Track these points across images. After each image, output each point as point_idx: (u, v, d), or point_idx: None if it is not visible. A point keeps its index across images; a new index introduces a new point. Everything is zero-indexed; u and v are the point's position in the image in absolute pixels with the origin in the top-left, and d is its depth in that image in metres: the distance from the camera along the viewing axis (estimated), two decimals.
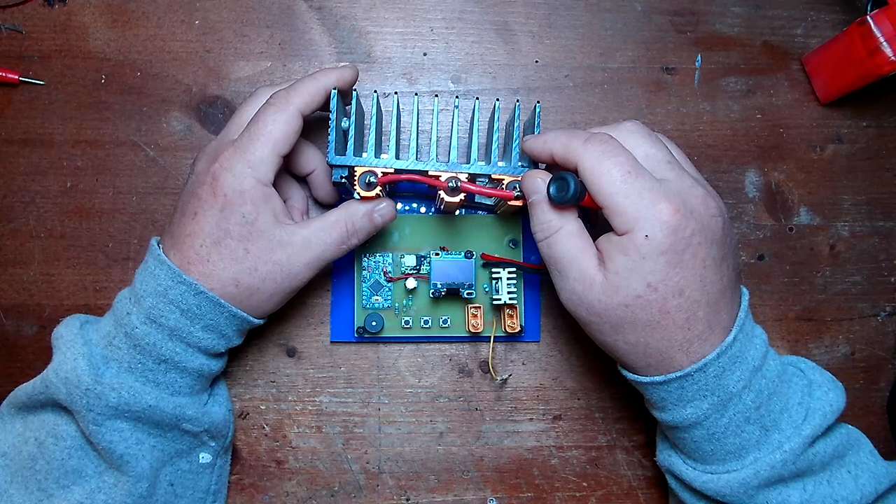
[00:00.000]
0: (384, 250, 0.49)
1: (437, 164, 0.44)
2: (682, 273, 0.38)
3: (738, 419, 0.40)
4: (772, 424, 0.40)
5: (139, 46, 0.51)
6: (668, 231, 0.37)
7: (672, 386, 0.40)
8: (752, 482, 0.39)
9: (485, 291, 0.49)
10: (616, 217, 0.38)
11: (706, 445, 0.41)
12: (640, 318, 0.39)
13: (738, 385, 0.39)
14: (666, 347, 0.39)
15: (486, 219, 0.50)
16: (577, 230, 0.41)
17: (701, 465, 0.42)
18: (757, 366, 0.40)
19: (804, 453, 0.39)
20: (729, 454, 0.41)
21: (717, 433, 0.40)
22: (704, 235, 0.38)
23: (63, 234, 0.50)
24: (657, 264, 0.38)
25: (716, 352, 0.39)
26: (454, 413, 0.50)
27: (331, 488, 0.49)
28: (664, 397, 0.41)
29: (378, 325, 0.48)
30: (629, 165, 0.38)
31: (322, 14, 0.52)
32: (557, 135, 0.41)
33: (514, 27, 0.53)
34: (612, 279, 0.39)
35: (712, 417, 0.40)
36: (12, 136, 0.50)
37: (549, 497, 0.50)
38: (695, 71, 0.53)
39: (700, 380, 0.39)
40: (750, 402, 0.39)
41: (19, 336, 0.49)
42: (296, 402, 0.50)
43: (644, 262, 0.38)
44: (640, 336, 0.39)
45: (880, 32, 0.46)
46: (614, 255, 0.39)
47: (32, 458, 0.41)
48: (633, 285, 0.38)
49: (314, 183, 0.48)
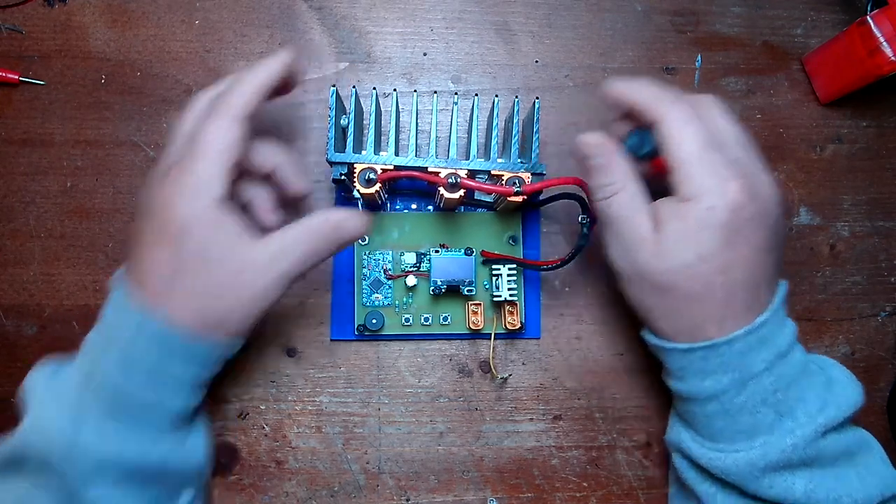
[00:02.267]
0: (384, 248, 0.49)
1: (436, 161, 0.44)
2: (733, 252, 0.39)
3: (754, 399, 0.40)
4: (787, 410, 0.40)
5: (139, 46, 0.51)
6: (732, 208, 0.38)
7: (696, 355, 0.40)
8: (758, 463, 0.39)
9: (485, 288, 0.49)
10: (684, 183, 0.39)
11: (718, 421, 0.41)
12: (683, 286, 0.39)
13: (761, 366, 0.39)
14: (700, 318, 0.40)
15: (486, 216, 0.50)
16: (638, 192, 0.41)
17: (709, 442, 0.42)
18: (782, 352, 0.40)
19: (814, 442, 0.39)
20: (739, 433, 0.41)
21: (731, 410, 0.40)
22: (761, 220, 0.39)
23: (63, 234, 0.50)
24: (712, 238, 0.38)
25: (745, 329, 0.39)
26: (454, 413, 0.50)
27: (331, 488, 0.49)
28: (685, 366, 0.41)
29: (378, 322, 0.48)
30: (711, 136, 0.39)
31: (322, 14, 0.52)
32: (647, 84, 0.42)
33: (514, 27, 0.53)
34: (664, 244, 0.39)
35: (729, 393, 0.40)
36: (12, 136, 0.50)
37: (549, 497, 0.50)
38: (695, 71, 0.53)
39: (725, 353, 0.39)
40: (769, 385, 0.40)
41: (19, 336, 0.49)
42: (296, 402, 0.50)
43: (700, 232, 0.38)
44: (679, 304, 0.40)
45: (880, 32, 0.46)
46: (671, 221, 0.39)
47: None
48: (685, 254, 0.39)
49: (282, 179, 0.44)
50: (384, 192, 0.47)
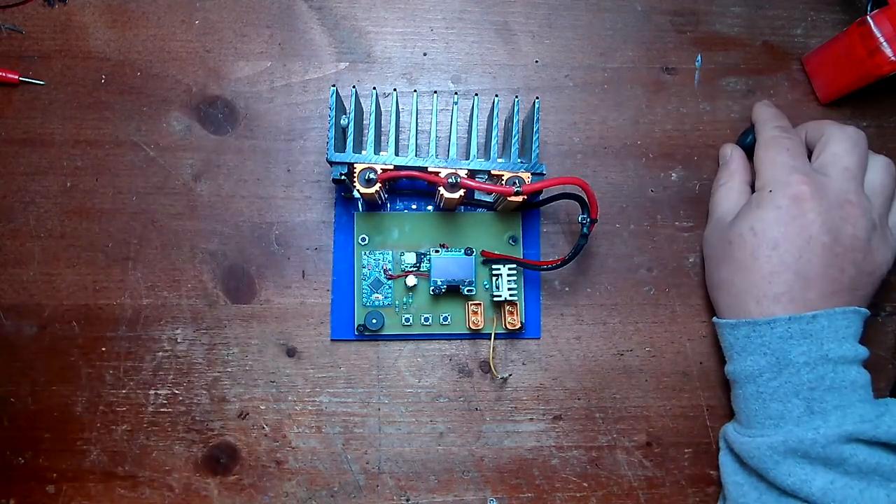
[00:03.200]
0: (384, 248, 0.49)
1: (436, 161, 0.44)
2: (785, 232, 0.43)
3: (787, 388, 0.42)
4: (819, 410, 0.42)
5: (139, 46, 0.51)
6: (789, 195, 0.43)
7: (741, 331, 0.44)
8: (778, 448, 0.41)
9: (485, 288, 0.49)
10: (758, 177, 0.46)
11: (752, 404, 0.44)
12: (735, 255, 0.45)
13: (800, 359, 0.42)
14: (744, 291, 0.44)
15: (486, 216, 0.50)
16: (737, 189, 0.48)
17: (743, 428, 0.45)
18: (830, 358, 0.42)
19: (836, 445, 0.40)
20: (768, 419, 0.43)
21: (764, 393, 0.43)
22: (824, 220, 0.43)
23: (63, 234, 0.50)
24: (766, 213, 0.44)
25: (789, 316, 0.42)
26: (454, 413, 0.50)
27: (331, 488, 0.49)
28: (732, 343, 0.45)
29: (378, 322, 0.48)
30: (794, 149, 0.45)
31: (322, 14, 0.52)
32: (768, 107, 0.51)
33: (514, 27, 0.53)
34: (732, 221, 0.46)
35: (765, 376, 0.43)
36: (12, 136, 0.50)
37: (549, 497, 0.50)
38: (695, 71, 0.53)
39: (765, 334, 0.43)
40: (806, 380, 0.42)
41: (19, 336, 0.49)
42: (296, 402, 0.50)
43: (757, 209, 0.44)
44: (730, 273, 0.45)
45: (880, 32, 0.46)
46: (744, 205, 0.46)
47: None
48: (741, 225, 0.45)
49: None
50: (384, 192, 0.47)
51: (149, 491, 0.49)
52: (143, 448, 0.49)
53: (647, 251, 0.51)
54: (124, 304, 0.49)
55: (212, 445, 0.49)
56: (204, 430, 0.49)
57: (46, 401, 0.49)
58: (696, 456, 0.50)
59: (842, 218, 0.43)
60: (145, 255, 0.50)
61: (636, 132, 0.52)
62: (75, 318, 0.49)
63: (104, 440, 0.49)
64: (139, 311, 0.49)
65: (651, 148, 0.52)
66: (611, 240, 0.51)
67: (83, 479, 0.48)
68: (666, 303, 0.51)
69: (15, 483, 0.48)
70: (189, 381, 0.49)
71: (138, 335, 0.49)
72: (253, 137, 0.51)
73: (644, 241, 0.51)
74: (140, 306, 0.49)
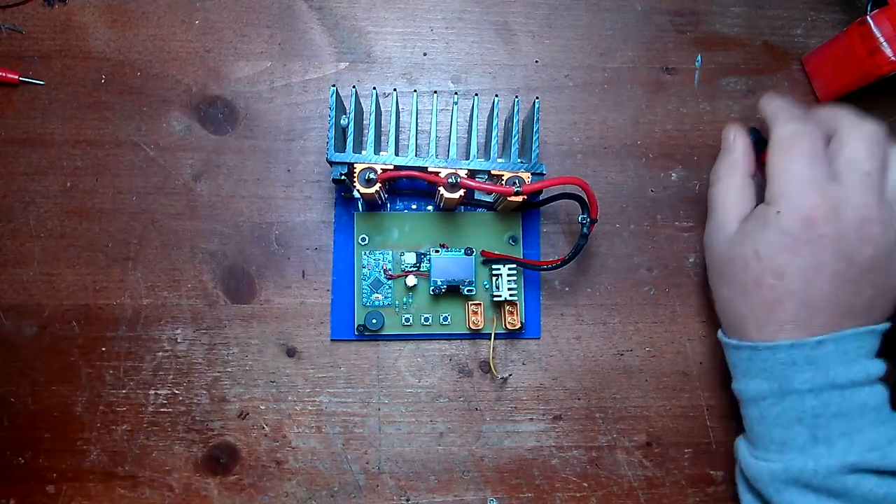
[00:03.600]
0: (384, 248, 0.49)
1: (436, 161, 0.44)
2: (792, 261, 0.40)
3: (790, 415, 0.40)
4: (824, 438, 0.39)
5: (139, 46, 0.51)
6: (799, 220, 0.39)
7: (743, 354, 0.42)
8: (780, 476, 0.40)
9: (485, 288, 0.49)
10: (768, 185, 0.42)
11: (757, 427, 0.42)
12: (736, 277, 0.42)
13: (804, 386, 0.39)
14: (746, 316, 0.42)
15: (486, 216, 0.50)
16: (738, 185, 0.44)
17: (751, 447, 0.43)
18: (838, 384, 0.39)
19: (840, 476, 0.38)
20: (772, 444, 0.41)
21: (767, 418, 0.41)
22: (838, 247, 0.39)
23: (63, 234, 0.50)
24: (773, 239, 0.40)
25: (791, 342, 0.40)
26: (454, 413, 0.50)
27: (331, 488, 0.49)
28: (735, 363, 0.43)
29: (378, 322, 0.48)
30: (811, 154, 0.40)
31: (322, 14, 0.52)
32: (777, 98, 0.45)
33: (514, 27, 0.53)
34: (736, 234, 0.43)
35: (768, 401, 0.41)
36: (12, 136, 0.50)
37: (549, 497, 0.50)
38: (695, 71, 0.53)
39: (767, 359, 0.41)
40: (809, 407, 0.39)
41: (19, 336, 0.49)
42: (296, 402, 0.50)
43: (763, 231, 0.41)
44: (732, 295, 0.43)
45: (880, 32, 0.46)
46: (750, 217, 0.42)
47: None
48: (745, 246, 0.41)
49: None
50: (384, 192, 0.47)
51: (149, 491, 0.49)
52: (143, 448, 0.49)
53: (647, 251, 0.51)
54: (124, 304, 0.49)
55: (212, 445, 0.49)
56: (204, 430, 0.49)
57: (46, 401, 0.49)
58: (696, 456, 0.50)
59: (860, 239, 0.39)
60: (145, 255, 0.50)
61: (636, 132, 0.52)
62: (75, 318, 0.49)
63: (104, 440, 0.49)
64: (139, 311, 0.49)
65: (651, 148, 0.52)
66: (611, 240, 0.51)
67: (83, 479, 0.48)
68: (666, 303, 0.51)
69: (15, 483, 0.48)
70: (189, 381, 0.49)
71: (138, 335, 0.49)
72: (253, 137, 0.51)
73: (644, 241, 0.51)
74: (140, 306, 0.49)
